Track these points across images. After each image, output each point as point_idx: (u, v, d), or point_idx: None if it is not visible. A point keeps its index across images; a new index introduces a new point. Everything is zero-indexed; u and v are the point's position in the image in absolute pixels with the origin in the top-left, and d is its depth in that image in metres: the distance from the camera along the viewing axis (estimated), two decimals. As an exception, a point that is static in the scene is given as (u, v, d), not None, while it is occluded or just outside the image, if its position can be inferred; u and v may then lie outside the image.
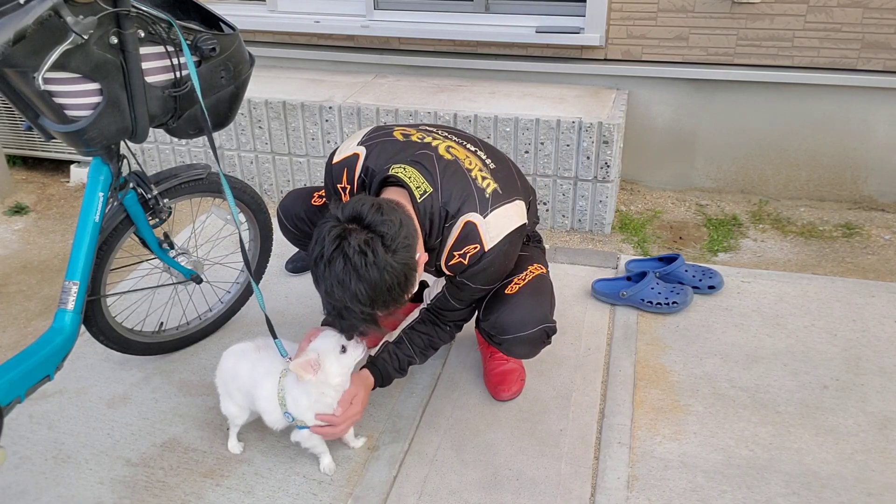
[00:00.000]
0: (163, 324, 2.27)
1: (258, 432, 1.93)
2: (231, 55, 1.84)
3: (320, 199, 2.08)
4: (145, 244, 2.01)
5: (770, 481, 1.76)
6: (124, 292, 2.24)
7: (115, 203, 1.90)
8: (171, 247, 2.08)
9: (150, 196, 1.93)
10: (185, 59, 1.73)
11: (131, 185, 1.90)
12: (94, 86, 1.61)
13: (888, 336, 2.24)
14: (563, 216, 2.97)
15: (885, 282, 2.54)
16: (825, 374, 2.10)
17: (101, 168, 1.80)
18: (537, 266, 1.92)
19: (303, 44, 3.47)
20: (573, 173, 2.87)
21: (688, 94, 3.10)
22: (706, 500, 1.72)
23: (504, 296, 1.84)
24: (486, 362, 2.12)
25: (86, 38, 1.50)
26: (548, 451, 1.87)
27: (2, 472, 1.84)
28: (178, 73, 1.75)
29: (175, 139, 3.28)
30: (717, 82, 3.05)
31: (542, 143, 2.84)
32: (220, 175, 1.84)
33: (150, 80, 1.70)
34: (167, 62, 1.73)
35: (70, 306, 1.76)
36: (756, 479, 1.77)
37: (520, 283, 1.86)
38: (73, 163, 3.55)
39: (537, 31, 3.11)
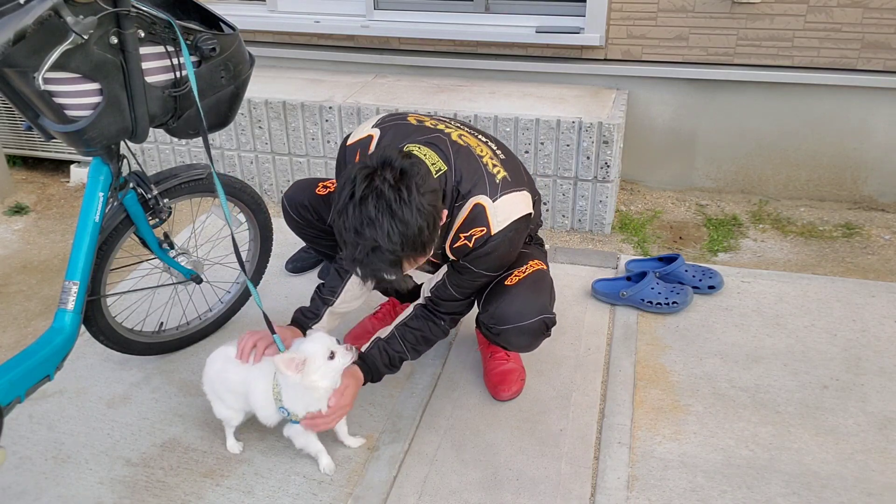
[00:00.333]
0: (163, 324, 2.27)
1: (258, 432, 1.93)
2: (231, 55, 1.84)
3: (324, 190, 2.08)
4: (145, 244, 2.01)
5: (770, 481, 1.76)
6: (124, 292, 2.24)
7: (116, 203, 1.90)
8: (171, 247, 2.08)
9: (150, 196, 1.94)
10: (185, 60, 1.73)
11: (131, 185, 1.90)
12: (94, 86, 1.61)
13: (888, 336, 2.24)
14: (563, 216, 2.97)
15: (885, 282, 2.54)
16: (825, 374, 2.10)
17: (101, 168, 1.80)
18: (538, 262, 1.93)
19: (303, 44, 3.47)
20: (573, 173, 2.87)
21: (688, 94, 3.10)
22: (706, 500, 1.72)
23: (504, 287, 1.84)
24: (486, 362, 2.12)
25: (86, 38, 1.50)
26: (548, 451, 1.87)
27: (2, 472, 1.84)
28: (178, 73, 1.75)
29: (175, 139, 3.28)
30: (717, 82, 3.05)
31: (542, 143, 2.84)
32: (216, 174, 1.85)
33: (150, 80, 1.70)
34: (167, 62, 1.73)
35: (70, 306, 1.76)
36: (756, 479, 1.77)
37: (520, 275, 1.86)
38: (73, 163, 3.54)
39: (537, 31, 3.11)
